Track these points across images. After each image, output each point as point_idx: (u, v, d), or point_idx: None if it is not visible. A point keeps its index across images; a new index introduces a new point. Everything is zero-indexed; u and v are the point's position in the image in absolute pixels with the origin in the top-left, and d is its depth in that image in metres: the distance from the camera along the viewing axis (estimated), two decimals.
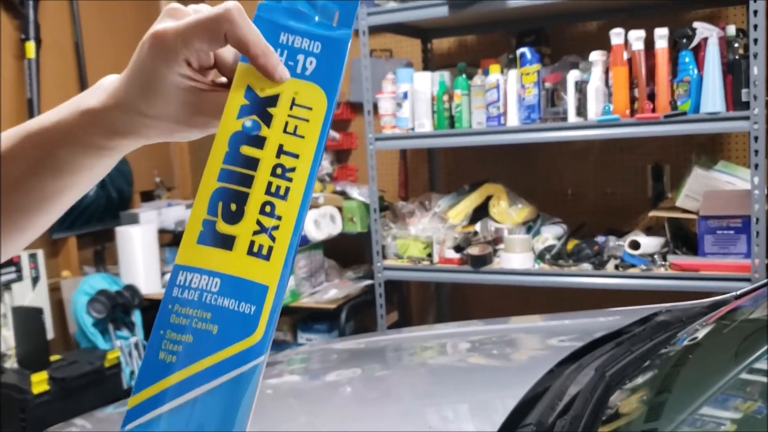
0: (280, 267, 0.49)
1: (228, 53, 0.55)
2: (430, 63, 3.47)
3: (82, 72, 3.58)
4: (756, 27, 2.34)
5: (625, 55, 2.61)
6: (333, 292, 3.28)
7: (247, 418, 0.47)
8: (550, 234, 2.93)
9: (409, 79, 3.00)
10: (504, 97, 2.83)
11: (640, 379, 1.08)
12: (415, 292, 3.79)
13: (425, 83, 2.97)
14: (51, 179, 0.58)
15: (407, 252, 3.07)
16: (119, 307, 3.23)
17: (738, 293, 1.48)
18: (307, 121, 0.52)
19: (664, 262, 2.64)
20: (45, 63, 3.39)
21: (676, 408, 0.94)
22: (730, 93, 2.47)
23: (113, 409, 1.58)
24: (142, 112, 0.54)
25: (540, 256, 2.85)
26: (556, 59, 2.98)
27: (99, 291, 3.21)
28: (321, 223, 3.23)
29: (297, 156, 0.51)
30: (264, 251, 0.49)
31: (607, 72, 2.66)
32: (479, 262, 2.86)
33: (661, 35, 2.54)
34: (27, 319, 2.93)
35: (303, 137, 0.51)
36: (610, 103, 2.63)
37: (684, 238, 2.73)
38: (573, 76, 2.70)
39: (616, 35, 2.61)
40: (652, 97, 2.57)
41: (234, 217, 0.50)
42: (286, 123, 0.51)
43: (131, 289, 3.29)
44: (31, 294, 3.14)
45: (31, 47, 3.30)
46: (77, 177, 0.59)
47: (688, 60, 2.51)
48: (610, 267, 2.73)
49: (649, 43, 2.57)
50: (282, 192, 0.50)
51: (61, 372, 2.88)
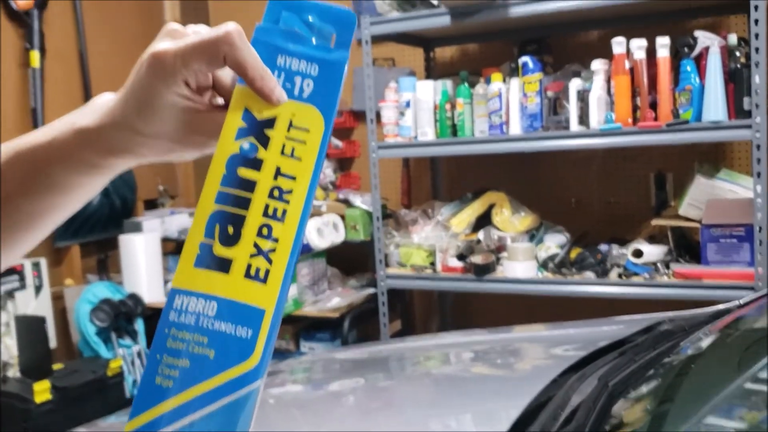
0: (277, 290, 0.49)
1: (226, 74, 0.55)
2: (433, 72, 3.47)
3: (86, 81, 3.59)
4: (757, 36, 2.35)
5: (627, 64, 2.61)
6: (336, 300, 3.28)
7: None
8: (553, 242, 2.93)
9: (412, 87, 3.00)
10: (506, 105, 2.84)
11: (643, 389, 1.08)
12: (418, 300, 3.78)
13: (428, 92, 2.98)
14: (41, 197, 0.57)
15: (410, 260, 3.07)
16: (122, 316, 3.23)
17: (741, 302, 1.48)
18: (304, 143, 0.51)
19: (667, 271, 2.64)
20: (49, 72, 3.40)
21: (679, 417, 0.94)
22: (732, 102, 2.47)
23: (116, 419, 1.58)
24: (139, 131, 0.54)
25: (543, 265, 2.85)
26: (559, 68, 2.98)
27: (102, 299, 3.21)
28: (324, 231, 3.23)
29: (294, 178, 0.51)
30: (261, 274, 0.49)
31: (609, 81, 2.67)
32: (482, 271, 2.86)
33: (663, 44, 2.55)
34: (30, 327, 2.93)
35: (300, 159, 0.51)
36: (612, 112, 2.63)
37: (687, 246, 2.73)
38: (575, 84, 2.71)
39: (618, 44, 2.61)
40: (654, 105, 2.58)
41: (231, 240, 0.49)
42: (284, 145, 0.51)
43: (134, 297, 3.29)
44: (34, 302, 3.14)
45: (35, 56, 3.31)
46: (68, 195, 0.58)
47: (689, 69, 2.51)
48: (613, 275, 2.72)
49: (651, 52, 2.58)
50: (279, 214, 0.50)
51: (63, 381, 2.87)
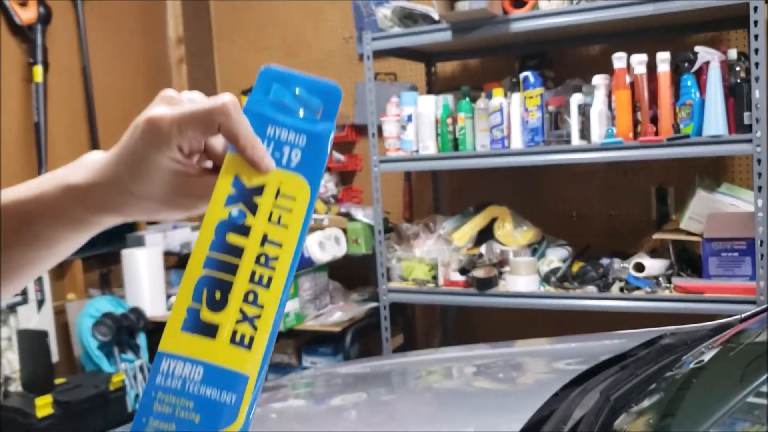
0: (260, 357, 0.50)
1: (218, 140, 0.57)
2: (434, 86, 3.49)
3: (89, 96, 3.61)
4: (757, 51, 2.36)
5: (628, 79, 2.62)
6: (338, 314, 3.28)
7: None
8: (555, 256, 2.94)
9: (413, 102, 3.02)
10: (507, 120, 2.85)
11: (645, 403, 1.08)
12: (421, 314, 3.78)
13: (429, 106, 2.99)
14: (23, 250, 0.58)
15: (412, 274, 3.07)
16: (124, 330, 3.23)
17: (743, 316, 1.48)
18: (290, 211, 0.53)
19: (668, 285, 2.64)
20: (52, 87, 3.42)
21: None
22: (732, 116, 2.48)
23: None
24: (130, 191, 0.55)
25: (545, 279, 2.85)
26: (559, 83, 3.00)
27: (104, 314, 3.21)
28: (326, 245, 3.23)
29: (280, 245, 0.52)
30: (246, 341, 0.50)
31: (609, 95, 2.68)
32: (484, 285, 2.86)
33: (663, 59, 2.56)
34: (32, 342, 2.93)
35: (286, 227, 0.53)
36: (613, 126, 2.64)
37: (688, 260, 2.73)
38: (576, 99, 2.72)
39: (619, 59, 2.63)
40: (654, 120, 2.59)
41: (218, 305, 0.50)
42: (271, 212, 0.53)
43: (137, 311, 3.29)
44: (36, 317, 3.14)
45: (38, 71, 3.33)
46: (52, 249, 0.59)
47: (690, 83, 2.53)
48: (614, 289, 2.73)
49: (651, 66, 2.59)
50: (265, 281, 0.51)
51: (65, 395, 2.87)
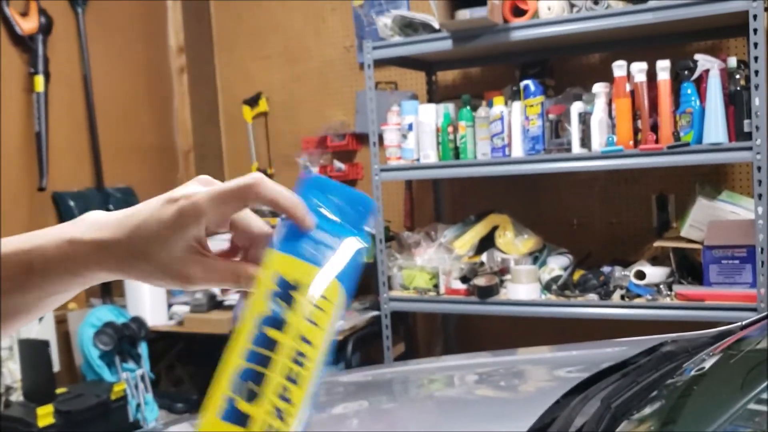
0: None
1: (242, 217, 0.61)
2: (435, 95, 3.50)
3: (90, 105, 3.61)
4: (757, 59, 2.36)
5: (628, 87, 2.63)
6: (339, 323, 3.27)
7: None
8: (557, 264, 2.94)
9: (414, 110, 3.02)
10: (508, 128, 2.86)
11: (646, 410, 1.08)
12: (422, 323, 3.78)
13: (430, 115, 3.00)
14: (24, 297, 0.58)
15: (413, 283, 3.07)
16: (126, 339, 3.23)
17: (744, 323, 1.48)
18: (324, 311, 0.55)
19: (669, 292, 2.64)
20: (53, 96, 3.43)
21: None
22: (732, 124, 2.49)
23: None
24: (137, 256, 0.57)
25: (546, 287, 2.85)
26: (560, 91, 3.01)
27: (105, 323, 3.21)
28: None
29: (311, 344, 0.54)
30: None
31: (610, 103, 2.69)
32: (486, 293, 2.86)
33: (663, 67, 2.57)
34: (33, 351, 2.93)
35: (318, 326, 0.54)
36: (613, 135, 2.65)
37: (689, 267, 2.73)
38: (576, 107, 2.73)
39: (619, 67, 2.63)
40: (655, 128, 2.59)
41: (253, 397, 0.51)
42: (307, 310, 0.55)
43: (138, 321, 3.29)
44: (37, 326, 3.14)
45: (39, 81, 3.34)
46: (51, 297, 0.60)
47: (690, 91, 2.53)
48: (616, 297, 2.73)
49: (652, 75, 2.60)
50: (295, 376, 0.52)
51: (66, 405, 2.87)
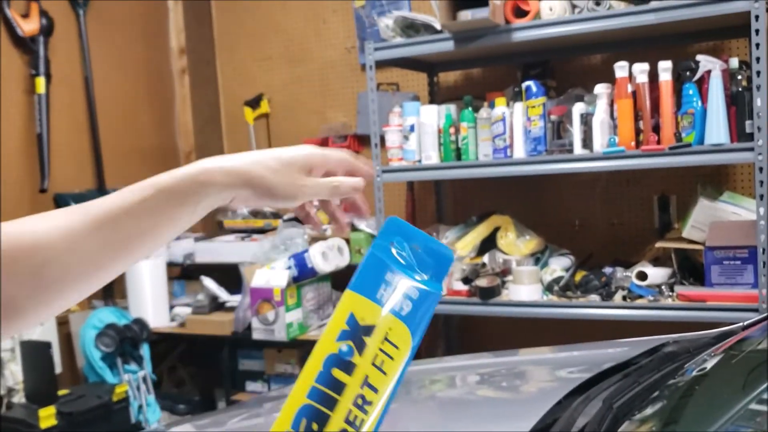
0: None
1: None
2: (437, 96, 3.50)
3: (91, 107, 3.62)
4: (759, 59, 2.36)
5: (630, 88, 2.63)
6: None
7: None
8: (558, 265, 2.94)
9: (416, 112, 3.02)
10: (510, 129, 2.86)
11: (648, 410, 1.08)
12: None
13: (432, 116, 3.00)
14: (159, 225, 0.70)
15: None
16: (127, 341, 3.23)
17: (746, 324, 1.48)
18: (392, 359, 0.54)
19: (671, 293, 2.64)
20: (55, 98, 3.44)
21: None
22: (734, 124, 2.49)
23: None
24: (264, 195, 0.72)
25: (548, 288, 2.85)
26: (562, 92, 3.01)
27: (107, 325, 3.21)
28: (329, 255, 3.23)
29: (377, 391, 0.53)
30: None
31: (612, 104, 2.69)
32: (487, 294, 2.86)
33: (665, 68, 2.57)
34: (35, 353, 2.93)
35: (386, 373, 0.53)
36: (615, 135, 2.65)
37: (691, 268, 2.73)
38: (578, 108, 2.72)
39: (621, 68, 2.63)
40: (656, 129, 2.59)
41: None
42: (376, 355, 0.54)
43: (140, 322, 3.29)
44: (39, 328, 3.14)
45: (41, 82, 3.35)
46: (173, 227, 0.70)
47: (692, 92, 2.53)
48: (617, 298, 2.72)
49: (653, 75, 2.60)
50: (357, 422, 0.52)
51: (68, 406, 2.87)
